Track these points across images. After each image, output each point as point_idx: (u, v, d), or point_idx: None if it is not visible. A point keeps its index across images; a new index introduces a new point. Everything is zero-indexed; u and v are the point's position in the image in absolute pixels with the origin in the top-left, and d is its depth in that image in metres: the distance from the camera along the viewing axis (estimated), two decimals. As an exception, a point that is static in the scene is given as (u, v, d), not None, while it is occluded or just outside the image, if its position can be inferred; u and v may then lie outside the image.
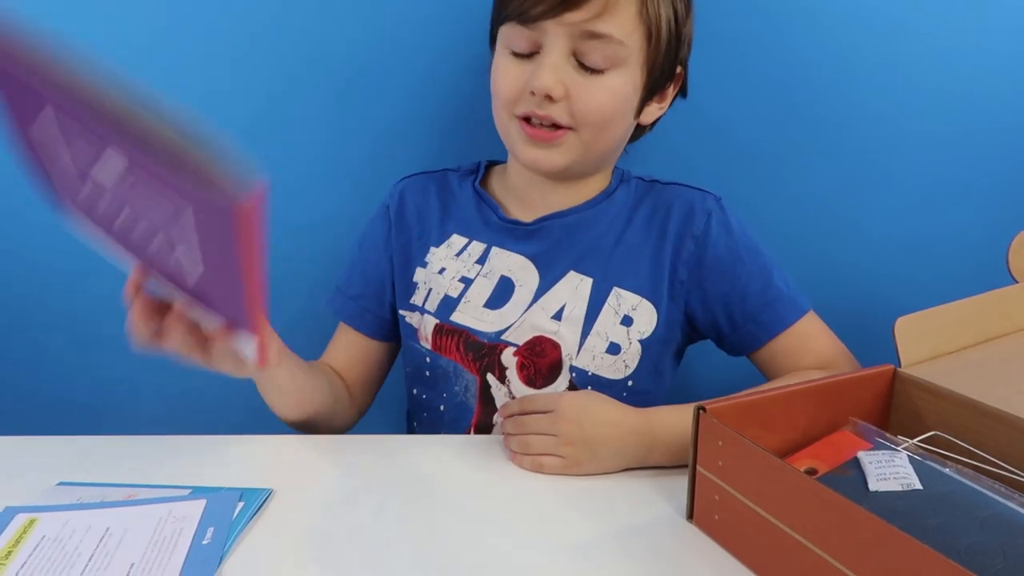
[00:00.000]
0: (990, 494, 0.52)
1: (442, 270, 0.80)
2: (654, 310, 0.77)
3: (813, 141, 0.98)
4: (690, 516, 0.59)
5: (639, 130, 0.82)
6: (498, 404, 0.78)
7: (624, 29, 0.70)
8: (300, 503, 0.60)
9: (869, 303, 1.03)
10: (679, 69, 0.79)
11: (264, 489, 0.62)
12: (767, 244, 0.81)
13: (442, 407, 0.81)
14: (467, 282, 0.79)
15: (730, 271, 0.77)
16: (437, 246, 0.82)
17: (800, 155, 0.98)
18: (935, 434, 0.60)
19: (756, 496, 0.52)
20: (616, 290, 0.77)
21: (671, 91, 0.80)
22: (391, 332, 0.87)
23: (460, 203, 0.83)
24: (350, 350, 0.86)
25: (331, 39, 0.92)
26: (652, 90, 0.76)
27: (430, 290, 0.81)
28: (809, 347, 0.77)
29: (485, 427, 0.79)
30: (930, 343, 0.67)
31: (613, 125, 0.75)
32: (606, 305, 0.77)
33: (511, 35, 0.72)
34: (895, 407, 0.64)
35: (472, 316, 0.78)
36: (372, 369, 0.88)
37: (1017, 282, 0.75)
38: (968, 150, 0.99)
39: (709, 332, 0.81)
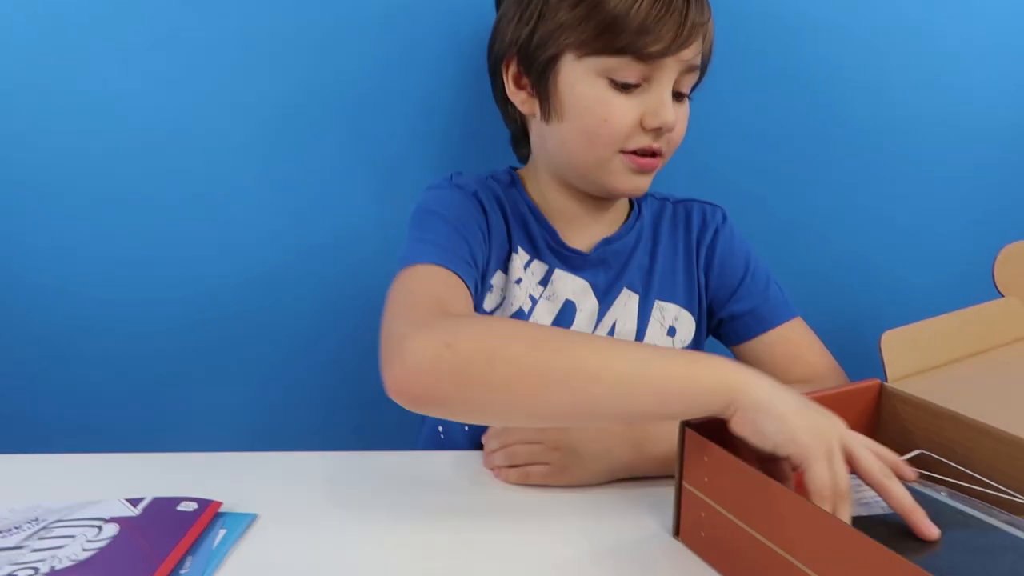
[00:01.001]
0: (972, 512, 0.52)
1: (519, 280, 0.79)
2: (691, 318, 0.83)
3: (795, 153, 0.99)
4: (676, 532, 0.58)
5: None
6: None
7: (700, 58, 0.74)
8: (285, 528, 0.60)
9: (855, 319, 1.03)
10: None
11: (247, 514, 0.61)
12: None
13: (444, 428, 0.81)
14: (533, 300, 0.79)
15: (735, 272, 0.84)
16: (515, 253, 0.80)
17: (790, 167, 1.00)
18: (921, 453, 0.60)
19: (742, 512, 0.52)
20: (658, 303, 0.82)
21: None
22: None
23: (518, 217, 0.81)
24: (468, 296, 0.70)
25: (335, 52, 0.92)
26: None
27: (503, 299, 0.79)
28: (801, 357, 0.80)
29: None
30: (916, 357, 0.67)
31: None
32: (651, 319, 0.81)
33: (617, 67, 0.71)
34: (881, 421, 0.64)
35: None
36: None
37: (1003, 295, 0.75)
38: (952, 164, 1.00)
39: (712, 325, 0.86)
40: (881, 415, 0.64)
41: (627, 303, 0.81)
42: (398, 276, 0.67)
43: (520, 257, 0.79)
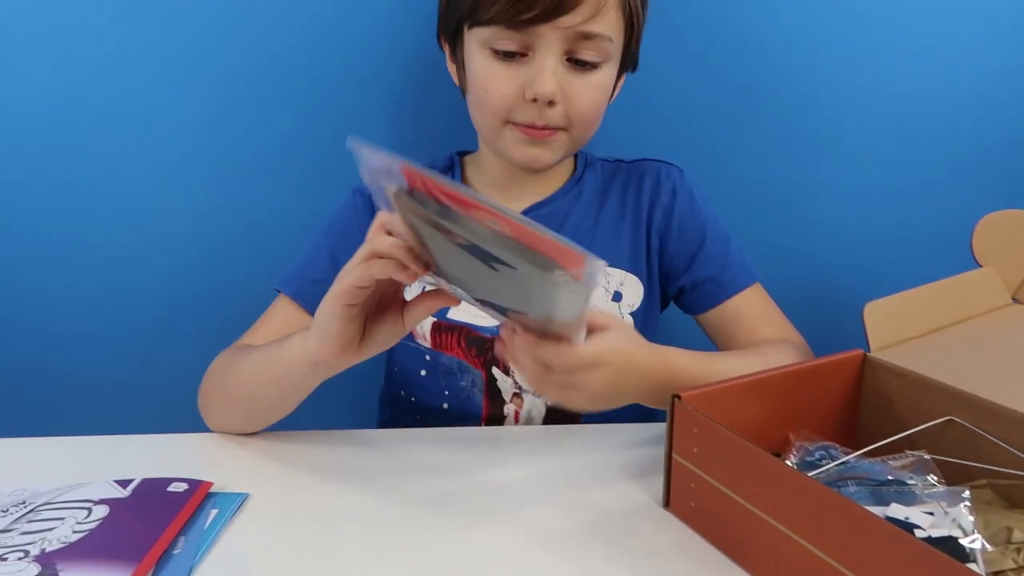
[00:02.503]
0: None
1: None
2: (639, 282, 0.81)
3: (776, 129, 0.99)
4: (666, 504, 0.59)
5: None
6: (505, 397, 0.79)
7: (612, 26, 0.72)
8: (277, 507, 0.60)
9: (833, 292, 1.04)
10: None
11: (239, 494, 0.61)
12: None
13: (445, 405, 0.81)
14: None
15: (695, 235, 0.82)
16: None
17: (763, 143, 1.00)
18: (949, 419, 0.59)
19: (731, 482, 0.52)
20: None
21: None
22: None
23: None
24: (291, 330, 0.74)
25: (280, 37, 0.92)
26: (621, 73, 0.79)
27: (424, 288, 0.78)
28: (767, 316, 0.80)
29: (496, 419, 0.79)
30: (898, 327, 0.68)
31: (599, 119, 0.77)
32: None
33: (495, 36, 0.70)
34: (864, 390, 0.65)
35: (469, 312, 0.78)
36: None
37: (981, 266, 0.76)
38: (932, 137, 1.01)
39: (672, 292, 0.84)
40: (864, 384, 0.65)
41: None
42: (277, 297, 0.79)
43: None
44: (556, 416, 0.79)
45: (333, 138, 0.95)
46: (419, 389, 0.82)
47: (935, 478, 0.54)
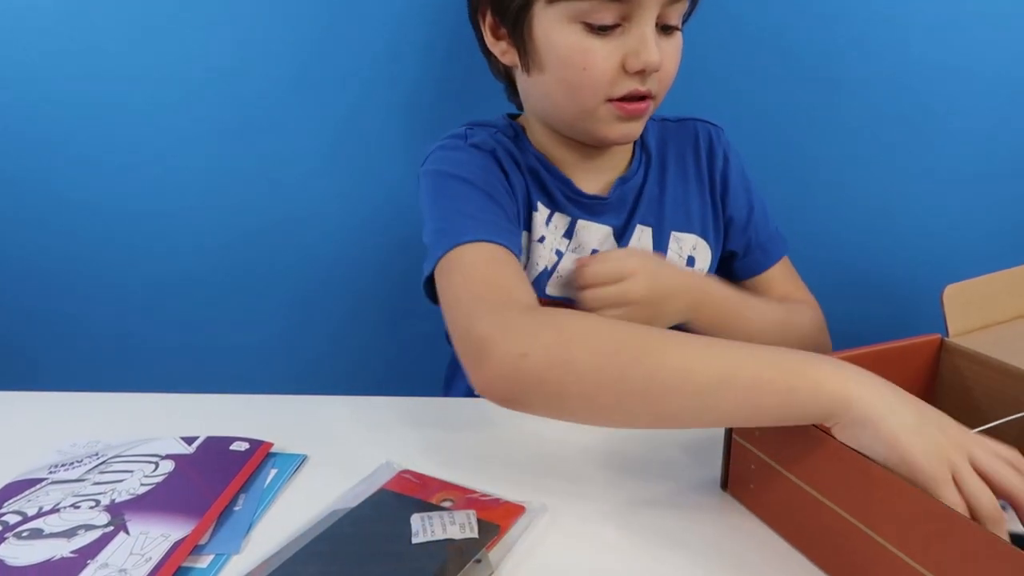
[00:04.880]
0: None
1: (542, 239, 0.76)
2: (708, 247, 0.81)
3: (861, 109, 0.95)
4: (724, 485, 0.58)
5: None
6: None
7: None
8: (333, 469, 0.61)
9: (912, 277, 1.00)
10: None
11: (297, 455, 0.62)
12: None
13: None
14: (559, 255, 0.76)
15: (746, 200, 0.83)
16: (535, 211, 0.77)
17: (845, 126, 0.96)
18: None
19: (793, 466, 0.51)
20: (674, 234, 0.79)
21: None
22: None
23: (531, 171, 0.78)
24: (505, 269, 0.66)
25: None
26: None
27: (529, 259, 0.76)
28: (797, 283, 0.85)
29: None
30: (980, 312, 0.65)
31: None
32: (669, 252, 0.78)
33: (590, 9, 0.66)
34: (941, 377, 0.62)
35: (564, 290, 0.76)
36: None
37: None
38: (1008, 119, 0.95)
39: (724, 256, 0.85)
40: (941, 371, 0.62)
41: (640, 238, 0.78)
42: (446, 257, 0.64)
43: (540, 213, 0.76)
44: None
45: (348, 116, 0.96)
46: None
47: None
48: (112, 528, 0.52)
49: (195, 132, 0.96)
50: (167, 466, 0.59)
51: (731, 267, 0.85)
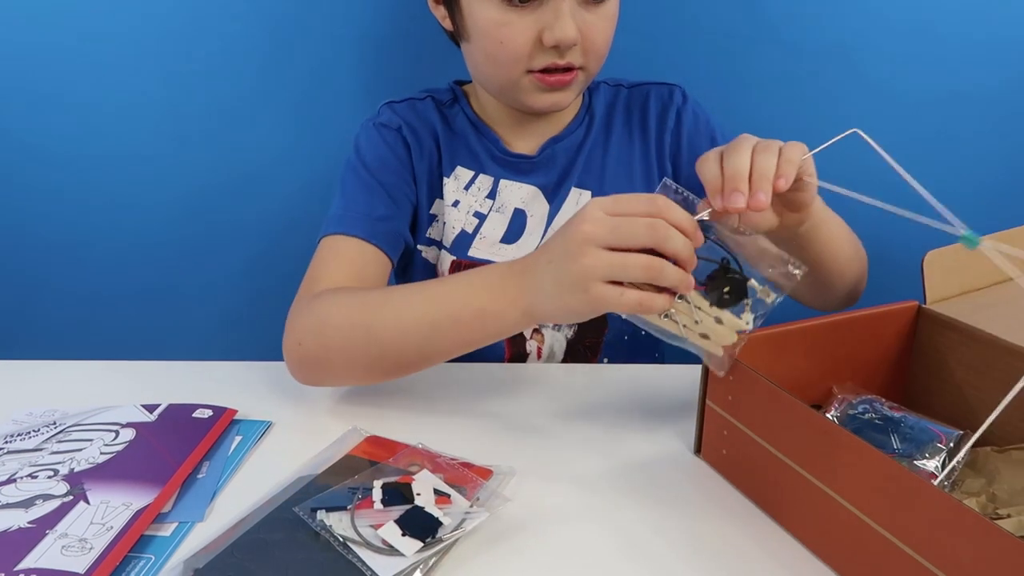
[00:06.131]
0: None
1: (456, 203, 0.78)
2: None
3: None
4: (697, 450, 0.57)
5: None
6: (526, 333, 0.77)
7: None
8: (299, 435, 0.60)
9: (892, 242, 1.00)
10: None
11: (262, 421, 0.61)
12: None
13: None
14: (480, 217, 0.77)
15: (705, 151, 0.78)
16: (447, 177, 0.79)
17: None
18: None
19: (765, 431, 0.50)
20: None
21: None
22: (400, 261, 0.79)
23: (458, 133, 0.79)
24: (370, 271, 0.72)
25: None
26: None
27: (444, 224, 0.78)
28: None
29: (519, 358, 0.78)
30: (958, 279, 0.64)
31: (609, 49, 0.73)
32: None
33: None
34: (917, 345, 0.61)
35: (489, 251, 0.77)
36: None
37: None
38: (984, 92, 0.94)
39: None
40: (918, 338, 0.61)
41: (579, 201, 0.77)
42: (322, 242, 0.71)
43: (461, 176, 0.78)
44: (576, 351, 0.79)
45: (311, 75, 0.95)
46: None
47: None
48: (71, 498, 0.50)
49: (147, 94, 0.93)
50: (128, 434, 0.58)
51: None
